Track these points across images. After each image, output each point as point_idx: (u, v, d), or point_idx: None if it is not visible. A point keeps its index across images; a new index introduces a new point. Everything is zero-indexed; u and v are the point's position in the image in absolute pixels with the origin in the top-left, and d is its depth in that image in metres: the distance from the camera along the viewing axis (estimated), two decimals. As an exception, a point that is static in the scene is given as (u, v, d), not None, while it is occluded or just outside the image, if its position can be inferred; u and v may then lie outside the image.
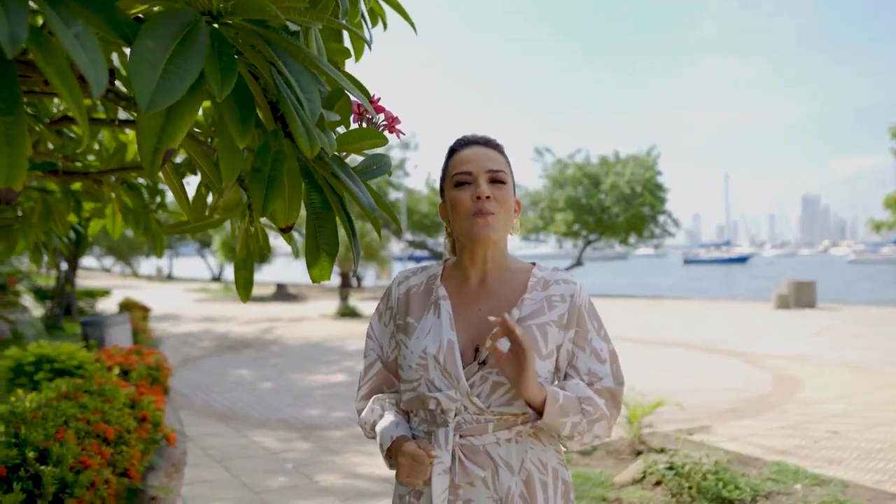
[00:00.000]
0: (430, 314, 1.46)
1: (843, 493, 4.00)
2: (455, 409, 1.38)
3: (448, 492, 1.36)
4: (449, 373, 1.38)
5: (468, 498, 1.37)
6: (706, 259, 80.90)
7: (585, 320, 1.46)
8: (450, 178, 1.47)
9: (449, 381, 1.38)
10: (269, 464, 4.78)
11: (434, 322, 1.44)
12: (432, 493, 1.34)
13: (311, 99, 1.05)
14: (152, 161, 0.92)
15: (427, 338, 1.42)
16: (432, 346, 1.40)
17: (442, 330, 1.41)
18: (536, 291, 1.46)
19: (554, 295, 1.45)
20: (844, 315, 15.30)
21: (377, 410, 1.50)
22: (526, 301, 1.44)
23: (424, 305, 1.48)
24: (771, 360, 9.10)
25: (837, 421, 5.81)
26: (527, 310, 1.43)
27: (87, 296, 14.69)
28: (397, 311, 1.52)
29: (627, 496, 3.95)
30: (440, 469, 1.35)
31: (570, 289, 1.46)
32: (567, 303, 1.45)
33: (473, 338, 1.42)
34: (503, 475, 1.38)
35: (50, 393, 3.24)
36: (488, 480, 1.37)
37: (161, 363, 4.82)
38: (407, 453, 1.35)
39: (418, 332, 1.44)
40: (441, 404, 1.38)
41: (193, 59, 0.85)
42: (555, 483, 1.43)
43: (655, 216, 27.03)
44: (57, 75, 0.82)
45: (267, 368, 9.21)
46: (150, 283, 34.82)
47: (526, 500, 1.38)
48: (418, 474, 1.34)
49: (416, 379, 1.42)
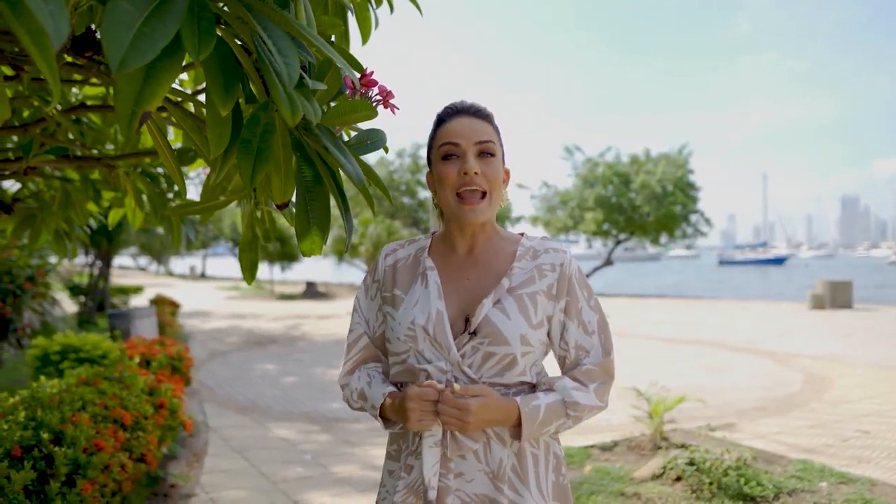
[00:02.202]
0: (418, 285, 1.44)
1: (871, 491, 3.89)
2: (446, 380, 1.36)
3: (440, 464, 1.35)
4: (439, 343, 1.36)
5: (459, 471, 1.36)
6: (742, 260, 79.56)
7: (576, 289, 1.43)
8: (437, 149, 1.44)
9: (439, 351, 1.37)
10: (287, 454, 4.81)
11: (422, 293, 1.42)
12: (423, 466, 1.33)
13: (290, 63, 1.05)
14: (129, 123, 0.92)
15: (415, 308, 1.40)
16: (421, 317, 1.38)
17: (430, 300, 1.39)
18: (526, 260, 1.44)
19: (544, 264, 1.43)
20: (881, 316, 14.92)
21: (364, 378, 1.48)
22: (515, 270, 1.42)
23: (412, 277, 1.47)
24: (801, 360, 8.91)
25: (867, 420, 5.66)
26: (517, 279, 1.41)
27: (121, 292, 15.00)
28: (384, 283, 1.50)
29: (647, 491, 3.90)
30: (431, 442, 1.34)
31: (560, 257, 1.44)
32: (557, 272, 1.42)
33: (462, 308, 1.40)
34: (495, 448, 1.36)
35: (70, 379, 3.30)
36: (480, 453, 1.36)
37: (183, 354, 4.88)
38: (413, 396, 1.32)
39: (406, 304, 1.43)
40: (431, 376, 1.36)
41: (169, 21, 0.85)
42: (546, 456, 1.41)
43: (687, 215, 26.64)
44: (27, 34, 0.83)
45: (291, 363, 9.29)
46: (182, 282, 35.38)
47: (518, 473, 1.36)
48: (430, 414, 1.31)
49: (405, 351, 1.40)
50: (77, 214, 2.77)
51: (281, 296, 23.93)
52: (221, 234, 36.79)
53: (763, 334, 11.79)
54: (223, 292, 26.83)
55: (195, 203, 2.05)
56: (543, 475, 1.39)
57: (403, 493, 1.37)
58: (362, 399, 1.47)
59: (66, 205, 2.75)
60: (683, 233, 27.28)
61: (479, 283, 1.42)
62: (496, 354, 1.35)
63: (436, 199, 1.48)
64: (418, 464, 1.37)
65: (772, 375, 7.93)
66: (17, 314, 5.07)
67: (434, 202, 1.51)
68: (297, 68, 1.05)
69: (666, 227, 26.36)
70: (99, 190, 2.83)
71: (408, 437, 1.42)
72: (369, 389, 1.44)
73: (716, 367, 8.56)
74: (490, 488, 1.35)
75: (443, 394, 1.31)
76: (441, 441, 1.35)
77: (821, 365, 8.50)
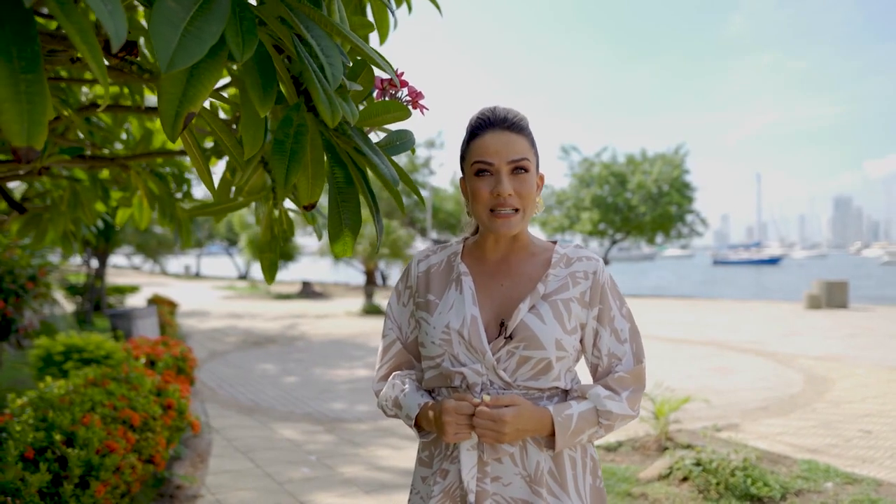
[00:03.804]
0: (452, 290, 1.44)
1: (876, 491, 3.90)
2: (481, 383, 1.36)
3: (476, 468, 1.34)
4: (474, 347, 1.36)
5: (496, 475, 1.35)
6: (736, 260, 79.74)
7: (608, 297, 1.44)
8: (469, 164, 1.42)
9: (474, 355, 1.37)
10: (292, 455, 4.79)
11: (456, 298, 1.42)
12: (461, 470, 1.32)
13: (333, 63, 1.04)
14: (173, 125, 0.91)
15: (450, 313, 1.41)
16: (455, 321, 1.38)
17: (465, 305, 1.40)
18: (560, 268, 1.44)
19: (577, 272, 1.43)
20: (878, 316, 14.98)
21: (398, 385, 1.48)
22: (550, 277, 1.42)
23: (446, 282, 1.47)
24: (802, 360, 8.93)
25: (870, 421, 5.68)
26: (551, 286, 1.41)
27: (117, 292, 14.91)
28: (417, 289, 1.50)
29: (653, 492, 3.90)
30: (468, 445, 1.33)
31: (593, 266, 1.44)
32: (590, 280, 1.43)
33: (496, 313, 1.41)
34: (531, 451, 1.36)
35: (77, 380, 3.28)
36: (516, 457, 1.36)
37: (187, 354, 4.86)
38: (450, 409, 1.32)
39: (440, 308, 1.43)
40: (467, 379, 1.36)
41: (214, 21, 0.84)
42: (583, 459, 1.41)
43: (683, 215, 26.71)
44: (78, 33, 0.82)
45: (291, 363, 9.27)
46: (178, 281, 35.27)
47: (555, 477, 1.35)
48: (465, 427, 1.32)
49: (440, 355, 1.40)
50: (85, 214, 2.75)
51: (277, 295, 23.86)
52: (216, 234, 36.73)
53: (763, 334, 11.81)
54: (219, 292, 26.74)
55: (214, 204, 2.03)
56: (581, 478, 1.39)
57: (439, 499, 1.36)
58: (397, 407, 1.47)
59: (75, 205, 2.73)
60: (679, 233, 27.35)
61: (513, 288, 1.42)
62: (532, 359, 1.35)
63: (468, 208, 1.47)
64: (454, 468, 1.36)
65: (774, 376, 7.95)
66: (18, 314, 5.05)
67: (467, 211, 1.51)
68: (340, 69, 1.05)
69: (662, 226, 26.42)
70: (107, 189, 2.81)
71: (440, 442, 1.41)
72: (404, 398, 1.45)
73: (719, 368, 8.58)
74: (527, 492, 1.34)
75: (478, 408, 1.31)
76: (477, 444, 1.35)
77: (822, 365, 8.52)
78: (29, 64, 0.80)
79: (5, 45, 0.79)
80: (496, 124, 1.42)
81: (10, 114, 0.78)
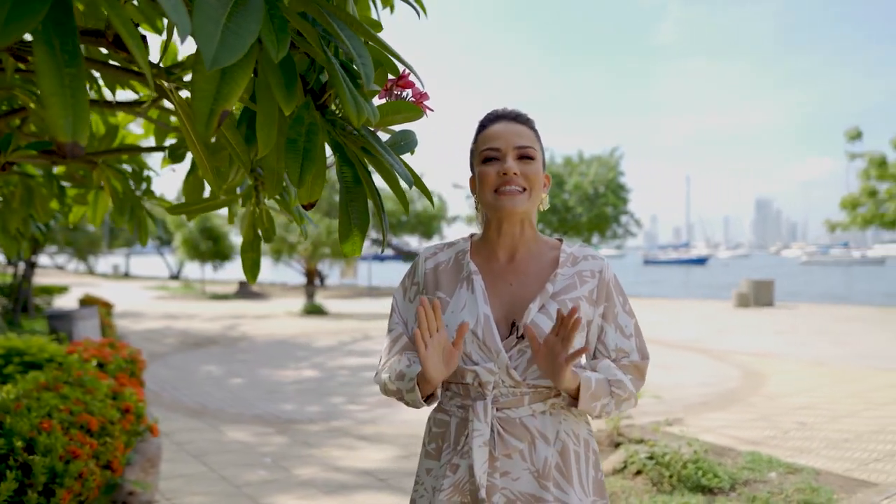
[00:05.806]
0: (463, 289, 1.46)
1: (816, 480, 4.10)
2: (493, 381, 1.38)
3: (487, 463, 1.36)
4: (488, 346, 1.38)
5: (505, 470, 1.37)
6: (666, 260, 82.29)
7: (613, 295, 1.48)
8: (478, 154, 1.47)
9: (487, 354, 1.39)
10: (246, 458, 4.71)
11: (468, 297, 1.44)
12: (474, 465, 1.34)
13: (366, 63, 1.04)
14: (207, 123, 0.90)
15: (463, 312, 1.42)
16: (469, 321, 1.40)
17: (477, 304, 1.42)
18: (567, 267, 1.47)
19: (584, 270, 1.47)
20: (802, 313, 15.73)
21: (404, 361, 1.47)
22: (558, 276, 1.45)
23: (455, 281, 1.49)
24: (737, 356, 9.31)
25: (804, 413, 5.96)
26: (560, 285, 1.44)
27: (44, 292, 14.26)
28: (424, 286, 1.51)
29: (609, 486, 4.00)
30: (480, 441, 1.35)
31: (599, 264, 1.48)
32: (596, 278, 1.47)
33: (506, 312, 1.43)
34: (540, 446, 1.39)
35: (28, 384, 3.14)
36: (526, 452, 1.38)
37: (136, 356, 4.71)
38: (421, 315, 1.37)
39: (452, 307, 1.44)
40: (479, 377, 1.38)
41: (252, 19, 0.84)
42: (586, 453, 1.44)
43: (618, 216, 27.34)
44: (123, 26, 0.81)
45: (236, 364, 9.08)
46: (106, 281, 34.03)
47: (561, 471, 1.39)
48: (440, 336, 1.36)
49: None
50: (38, 212, 2.65)
51: (213, 296, 23.30)
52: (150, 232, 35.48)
53: (698, 332, 12.25)
54: (151, 292, 25.94)
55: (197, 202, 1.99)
56: (584, 471, 1.42)
57: (449, 492, 1.38)
58: (399, 379, 1.44)
59: (29, 202, 2.62)
60: (614, 233, 27.98)
61: (521, 288, 1.44)
62: None
63: (478, 203, 1.50)
64: (464, 463, 1.38)
65: (712, 372, 8.26)
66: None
67: (476, 206, 1.53)
68: (372, 68, 1.05)
69: (598, 227, 26.97)
70: (63, 187, 2.70)
71: (450, 436, 1.43)
72: (408, 369, 1.43)
73: (659, 365, 8.83)
74: (535, 487, 1.37)
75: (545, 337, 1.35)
76: (489, 441, 1.37)
77: (756, 361, 8.90)
78: (71, 58, 0.78)
79: (48, 37, 0.77)
80: (504, 117, 1.49)
81: (56, 108, 0.76)
